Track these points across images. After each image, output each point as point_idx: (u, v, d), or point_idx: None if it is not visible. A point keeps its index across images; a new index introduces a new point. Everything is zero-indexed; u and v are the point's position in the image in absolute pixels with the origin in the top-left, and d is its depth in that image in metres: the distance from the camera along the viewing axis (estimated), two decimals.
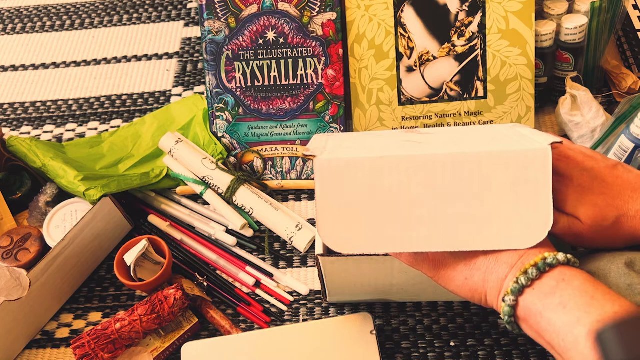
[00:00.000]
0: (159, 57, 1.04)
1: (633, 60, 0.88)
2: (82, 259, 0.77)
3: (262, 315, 0.74)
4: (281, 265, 0.78)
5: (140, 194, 0.85)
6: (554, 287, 0.45)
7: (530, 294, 0.46)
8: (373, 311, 0.73)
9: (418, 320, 0.72)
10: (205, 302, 0.74)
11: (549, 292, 0.45)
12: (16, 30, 1.13)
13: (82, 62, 1.06)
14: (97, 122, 0.97)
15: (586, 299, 0.42)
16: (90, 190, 0.75)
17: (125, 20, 1.11)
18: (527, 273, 0.46)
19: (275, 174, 0.85)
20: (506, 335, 0.70)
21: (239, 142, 0.85)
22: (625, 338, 0.33)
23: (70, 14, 1.14)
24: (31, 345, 0.75)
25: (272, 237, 0.80)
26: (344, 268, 0.64)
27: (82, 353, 0.67)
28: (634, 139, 0.69)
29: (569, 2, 0.80)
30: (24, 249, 0.74)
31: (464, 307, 0.72)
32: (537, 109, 0.86)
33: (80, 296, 0.78)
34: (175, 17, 1.11)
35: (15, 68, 1.07)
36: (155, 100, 0.98)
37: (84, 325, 0.76)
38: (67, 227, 0.75)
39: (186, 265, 0.78)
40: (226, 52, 0.83)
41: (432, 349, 0.70)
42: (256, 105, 0.84)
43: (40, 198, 0.79)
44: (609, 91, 0.87)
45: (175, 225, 0.82)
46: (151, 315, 0.68)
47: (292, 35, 0.81)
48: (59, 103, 1.00)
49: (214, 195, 0.82)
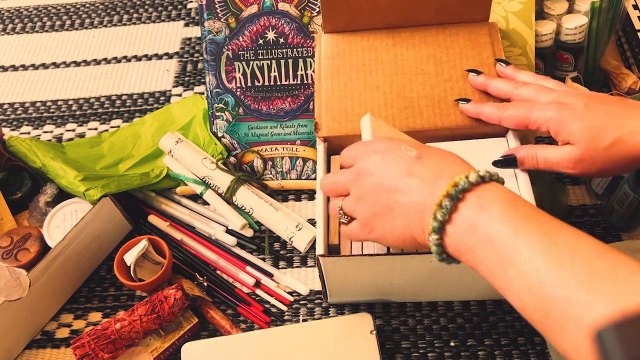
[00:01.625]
0: (159, 57, 1.04)
1: (633, 60, 0.88)
2: (82, 259, 0.77)
3: (262, 315, 0.74)
4: (281, 265, 0.78)
5: (140, 194, 0.85)
6: (474, 220, 0.43)
7: (452, 230, 0.44)
8: (373, 311, 0.73)
9: (418, 320, 0.72)
10: (205, 302, 0.74)
11: (470, 226, 0.43)
12: (16, 30, 1.13)
13: (82, 62, 1.06)
14: (97, 122, 0.97)
15: (509, 232, 0.41)
16: (90, 190, 0.75)
17: (125, 20, 1.11)
18: (442, 206, 0.44)
19: (275, 174, 0.85)
20: (506, 335, 0.70)
21: (239, 142, 0.85)
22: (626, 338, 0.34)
23: (70, 14, 1.14)
24: (31, 345, 0.75)
25: (272, 237, 0.80)
26: (345, 268, 0.64)
27: (82, 353, 0.67)
28: None
29: (569, 2, 0.80)
30: (24, 249, 0.74)
31: (464, 307, 0.72)
32: None
33: (80, 296, 0.78)
34: (175, 17, 1.11)
35: (15, 68, 1.07)
36: (155, 100, 0.98)
37: (84, 325, 0.76)
38: (67, 227, 0.75)
39: (186, 265, 0.78)
40: (226, 52, 0.83)
41: (432, 349, 0.70)
42: (256, 105, 0.84)
43: (40, 198, 0.79)
44: (609, 91, 0.87)
45: (175, 225, 0.82)
46: (151, 315, 0.68)
47: (292, 35, 0.81)
48: (59, 103, 1.00)
49: (214, 195, 0.82)
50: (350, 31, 0.74)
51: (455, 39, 0.73)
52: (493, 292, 0.70)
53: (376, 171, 0.51)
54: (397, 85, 0.71)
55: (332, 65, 0.73)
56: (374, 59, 0.73)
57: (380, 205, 0.50)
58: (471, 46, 0.72)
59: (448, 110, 0.70)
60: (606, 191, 0.76)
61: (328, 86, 0.72)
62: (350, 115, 0.71)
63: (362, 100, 0.71)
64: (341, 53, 0.73)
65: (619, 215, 0.73)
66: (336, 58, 0.73)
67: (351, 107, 0.71)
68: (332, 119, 0.71)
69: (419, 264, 0.63)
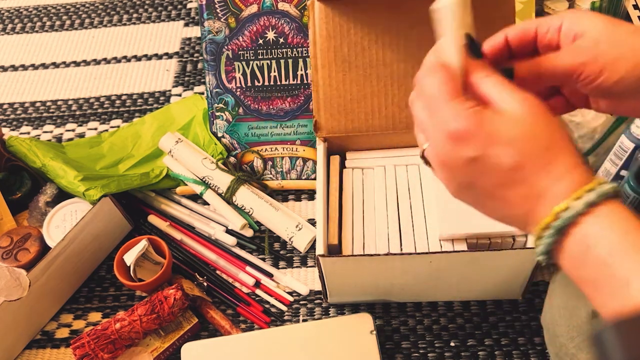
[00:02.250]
0: (158, 57, 1.04)
1: None
2: (82, 259, 0.77)
3: (262, 315, 0.74)
4: (281, 265, 0.78)
5: (140, 194, 0.85)
6: (586, 242, 0.38)
7: (563, 245, 0.39)
8: (373, 311, 0.73)
9: (418, 320, 0.72)
10: (205, 302, 0.74)
11: (581, 246, 0.38)
12: (16, 30, 1.13)
13: (82, 62, 1.06)
14: (97, 122, 0.97)
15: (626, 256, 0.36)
16: (90, 190, 0.75)
17: (125, 20, 1.11)
18: (543, 236, 0.39)
19: (275, 174, 0.85)
20: (506, 335, 0.70)
21: (239, 142, 0.85)
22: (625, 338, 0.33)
23: (70, 14, 1.14)
24: (31, 345, 0.75)
25: (272, 237, 0.80)
26: (345, 268, 0.64)
27: (82, 353, 0.67)
28: (634, 139, 0.69)
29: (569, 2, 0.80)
30: (24, 249, 0.74)
31: (464, 307, 0.72)
32: None
33: (80, 296, 0.78)
34: (175, 17, 1.11)
35: (15, 68, 1.07)
36: (155, 100, 0.98)
37: (84, 325, 0.76)
38: (67, 227, 0.75)
39: (186, 265, 0.78)
40: (226, 52, 0.83)
41: (432, 349, 0.69)
42: (256, 105, 0.84)
43: (40, 198, 0.79)
44: None
45: (175, 225, 0.82)
46: (151, 315, 0.68)
47: (292, 35, 0.81)
48: (59, 103, 1.00)
49: (214, 195, 0.82)
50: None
51: None
52: (493, 292, 0.70)
53: (465, 178, 0.43)
54: (399, 75, 0.69)
55: (328, 48, 0.69)
56: (374, 40, 0.67)
57: (473, 197, 0.44)
58: (480, 20, 0.66)
59: None
60: None
61: (325, 76, 0.70)
62: (350, 113, 0.71)
63: (361, 95, 0.70)
64: (337, 31, 0.68)
65: None
66: (332, 38, 0.68)
67: (350, 104, 0.70)
68: (331, 116, 0.70)
69: (419, 264, 0.63)
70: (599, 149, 0.77)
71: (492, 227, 0.65)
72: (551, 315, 0.61)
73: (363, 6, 0.68)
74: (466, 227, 0.65)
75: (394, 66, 0.69)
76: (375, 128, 0.72)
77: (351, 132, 0.72)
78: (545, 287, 0.72)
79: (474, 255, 0.62)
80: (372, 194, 0.72)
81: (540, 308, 0.71)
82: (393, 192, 0.72)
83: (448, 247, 0.66)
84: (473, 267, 0.64)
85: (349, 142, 0.74)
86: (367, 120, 0.71)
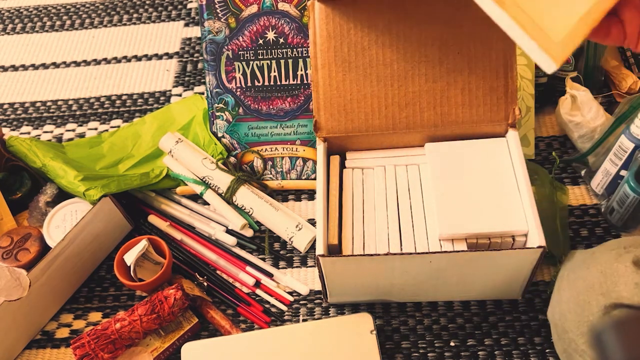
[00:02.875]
0: (158, 57, 1.04)
1: (633, 60, 0.88)
2: (82, 259, 0.77)
3: (262, 315, 0.74)
4: (281, 265, 0.78)
5: (140, 194, 0.85)
6: None
7: None
8: (373, 311, 0.73)
9: (418, 320, 0.72)
10: (205, 302, 0.74)
11: None
12: (16, 30, 1.13)
13: (82, 62, 1.06)
14: (97, 122, 0.97)
15: None
16: (90, 190, 0.75)
17: (125, 20, 1.11)
18: None
19: (275, 174, 0.85)
20: (506, 335, 0.70)
21: (239, 142, 0.85)
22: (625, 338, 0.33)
23: (70, 14, 1.14)
24: (31, 345, 0.75)
25: (272, 237, 0.80)
26: (345, 268, 0.64)
27: (82, 353, 0.67)
28: (634, 139, 0.69)
29: None
30: (24, 249, 0.74)
31: (464, 307, 0.72)
32: (537, 109, 0.86)
33: (80, 296, 0.78)
34: (175, 17, 1.11)
35: (15, 68, 1.07)
36: (155, 100, 0.98)
37: (84, 325, 0.76)
38: (67, 227, 0.75)
39: (186, 265, 0.78)
40: (226, 52, 0.83)
41: (432, 349, 0.70)
42: (256, 105, 0.84)
43: (40, 198, 0.79)
44: (609, 91, 0.87)
45: (175, 225, 0.82)
46: (151, 315, 0.68)
47: (292, 35, 0.81)
48: (59, 103, 1.00)
49: (214, 195, 0.82)
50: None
51: (465, 13, 0.67)
52: (493, 292, 0.71)
53: None
54: (399, 75, 0.69)
55: (328, 48, 0.69)
56: (374, 40, 0.68)
57: None
58: (480, 21, 0.65)
59: (449, 110, 0.70)
60: (606, 191, 0.76)
61: (325, 76, 0.70)
62: (350, 113, 0.71)
63: (361, 95, 0.70)
64: (337, 31, 0.69)
65: (619, 215, 0.73)
66: (333, 39, 0.69)
67: (350, 104, 0.70)
68: (331, 116, 0.70)
69: (419, 264, 0.63)
70: (599, 149, 0.77)
71: (492, 227, 0.65)
72: (560, 310, 0.61)
73: (363, 6, 0.68)
74: (466, 227, 0.65)
75: (394, 66, 0.69)
76: (375, 128, 0.72)
77: (351, 132, 0.72)
78: (545, 287, 0.72)
79: (474, 255, 0.62)
80: (372, 194, 0.72)
81: (540, 308, 0.71)
82: (393, 192, 0.72)
83: (448, 247, 0.66)
84: (473, 267, 0.64)
85: (349, 142, 0.74)
86: (367, 120, 0.71)
